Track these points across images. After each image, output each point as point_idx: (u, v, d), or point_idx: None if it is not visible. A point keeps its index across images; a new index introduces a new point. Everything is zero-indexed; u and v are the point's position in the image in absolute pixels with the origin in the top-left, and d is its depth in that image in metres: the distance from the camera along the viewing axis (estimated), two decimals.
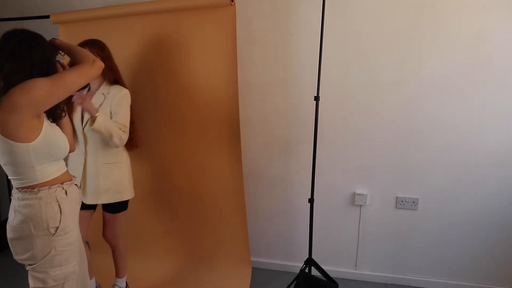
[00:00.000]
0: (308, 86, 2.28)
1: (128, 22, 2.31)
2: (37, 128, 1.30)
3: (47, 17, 2.46)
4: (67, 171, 1.47)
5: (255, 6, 2.29)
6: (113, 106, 1.91)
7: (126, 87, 2.00)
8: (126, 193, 2.01)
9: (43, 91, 1.25)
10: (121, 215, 2.06)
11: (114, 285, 2.25)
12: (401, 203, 2.30)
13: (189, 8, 2.17)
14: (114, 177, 1.95)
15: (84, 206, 1.92)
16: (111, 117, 1.91)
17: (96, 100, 1.91)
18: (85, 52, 1.45)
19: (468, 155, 2.16)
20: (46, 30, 2.72)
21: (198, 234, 2.53)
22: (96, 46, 1.90)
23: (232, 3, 2.07)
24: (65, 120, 1.52)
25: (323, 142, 2.32)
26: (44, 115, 1.36)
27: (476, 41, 2.04)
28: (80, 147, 1.93)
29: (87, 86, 2.00)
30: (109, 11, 2.35)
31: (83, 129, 1.90)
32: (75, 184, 1.49)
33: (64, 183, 1.41)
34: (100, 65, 1.44)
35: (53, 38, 1.48)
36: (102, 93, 1.93)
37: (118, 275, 2.20)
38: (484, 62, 2.05)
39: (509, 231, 2.18)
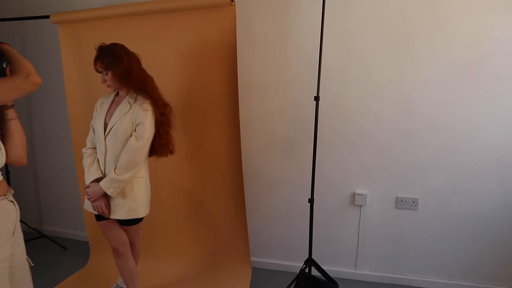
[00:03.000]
0: (308, 86, 2.28)
1: (128, 22, 2.31)
2: None
3: (47, 17, 2.46)
4: None
5: (255, 6, 2.29)
6: (136, 117, 1.80)
7: (151, 99, 1.83)
8: (141, 210, 1.90)
9: None
10: (135, 226, 1.98)
11: (116, 285, 2.26)
12: (401, 203, 2.30)
13: (189, 8, 2.17)
14: (131, 192, 1.84)
15: (103, 216, 1.89)
16: (135, 129, 1.80)
17: (122, 108, 1.83)
18: (24, 63, 1.32)
19: (467, 155, 2.15)
20: (46, 30, 2.74)
21: (198, 234, 2.53)
22: (105, 56, 1.78)
23: (232, 3, 2.07)
24: (12, 129, 1.37)
25: (323, 142, 2.32)
26: None
27: (475, 41, 2.03)
28: (101, 157, 1.86)
29: (115, 89, 1.92)
30: (109, 11, 2.35)
31: (105, 138, 1.83)
32: (11, 201, 1.35)
33: None
34: (35, 81, 1.29)
35: (1, 43, 1.37)
36: (129, 102, 1.83)
37: None
38: (483, 62, 2.04)
39: (509, 231, 2.18)
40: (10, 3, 2.84)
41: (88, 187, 1.84)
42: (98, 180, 1.84)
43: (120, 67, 1.78)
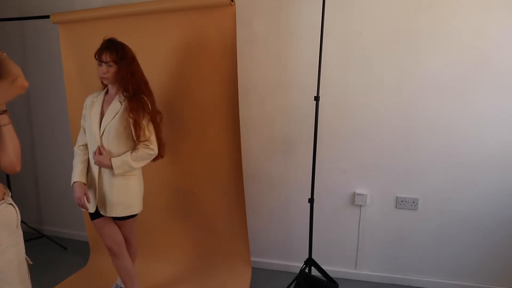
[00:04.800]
0: (308, 86, 2.28)
1: (128, 22, 2.31)
2: None
3: (47, 17, 2.46)
4: None
5: (255, 6, 2.29)
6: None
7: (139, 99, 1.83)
8: (136, 207, 1.96)
9: None
10: (130, 221, 2.00)
11: (116, 285, 2.26)
12: (401, 203, 2.30)
13: (189, 8, 2.17)
14: (127, 190, 1.90)
15: (99, 215, 1.91)
16: (131, 130, 1.83)
17: (113, 108, 1.84)
18: (10, 67, 1.28)
19: (467, 155, 2.15)
20: (46, 30, 2.74)
21: (198, 234, 2.53)
22: (119, 49, 1.81)
23: (232, 3, 2.07)
24: (5, 135, 1.35)
25: (323, 142, 2.32)
26: None
27: (475, 41, 2.03)
28: None
29: (105, 88, 1.93)
30: (109, 11, 2.35)
31: (100, 137, 1.84)
32: (10, 204, 1.35)
33: None
34: (21, 84, 1.26)
35: None
36: (119, 101, 1.84)
37: None
38: (483, 62, 2.04)
39: (508, 231, 2.18)
40: (10, 3, 2.84)
41: (100, 153, 1.83)
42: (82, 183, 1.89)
43: (129, 65, 1.81)
